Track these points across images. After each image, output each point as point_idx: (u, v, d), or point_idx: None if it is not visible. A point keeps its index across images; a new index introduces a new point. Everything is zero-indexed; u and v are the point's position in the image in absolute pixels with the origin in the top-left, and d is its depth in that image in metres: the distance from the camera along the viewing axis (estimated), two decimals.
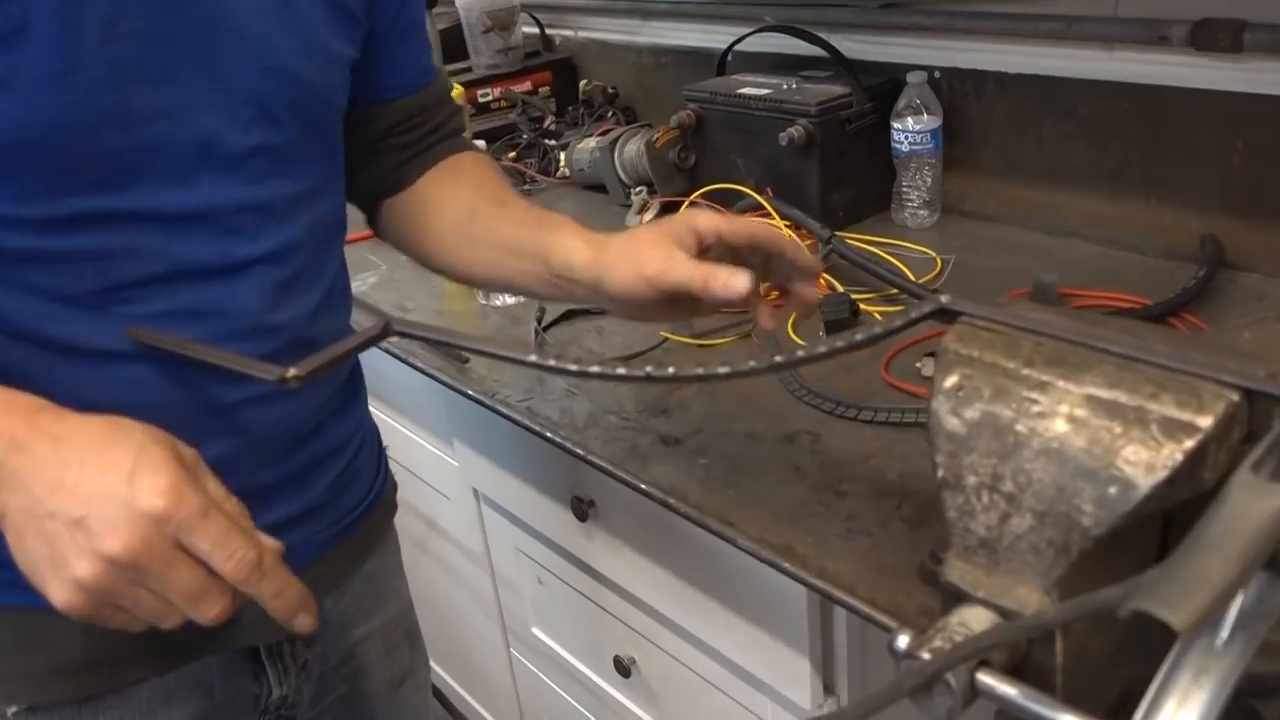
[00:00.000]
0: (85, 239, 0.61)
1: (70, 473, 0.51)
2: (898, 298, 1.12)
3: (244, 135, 0.66)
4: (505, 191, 0.86)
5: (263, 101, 0.67)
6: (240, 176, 0.67)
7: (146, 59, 0.60)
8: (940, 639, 0.49)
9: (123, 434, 0.53)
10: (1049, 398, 0.48)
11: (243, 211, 0.67)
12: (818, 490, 0.82)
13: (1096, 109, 1.18)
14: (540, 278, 0.78)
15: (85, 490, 0.51)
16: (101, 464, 0.52)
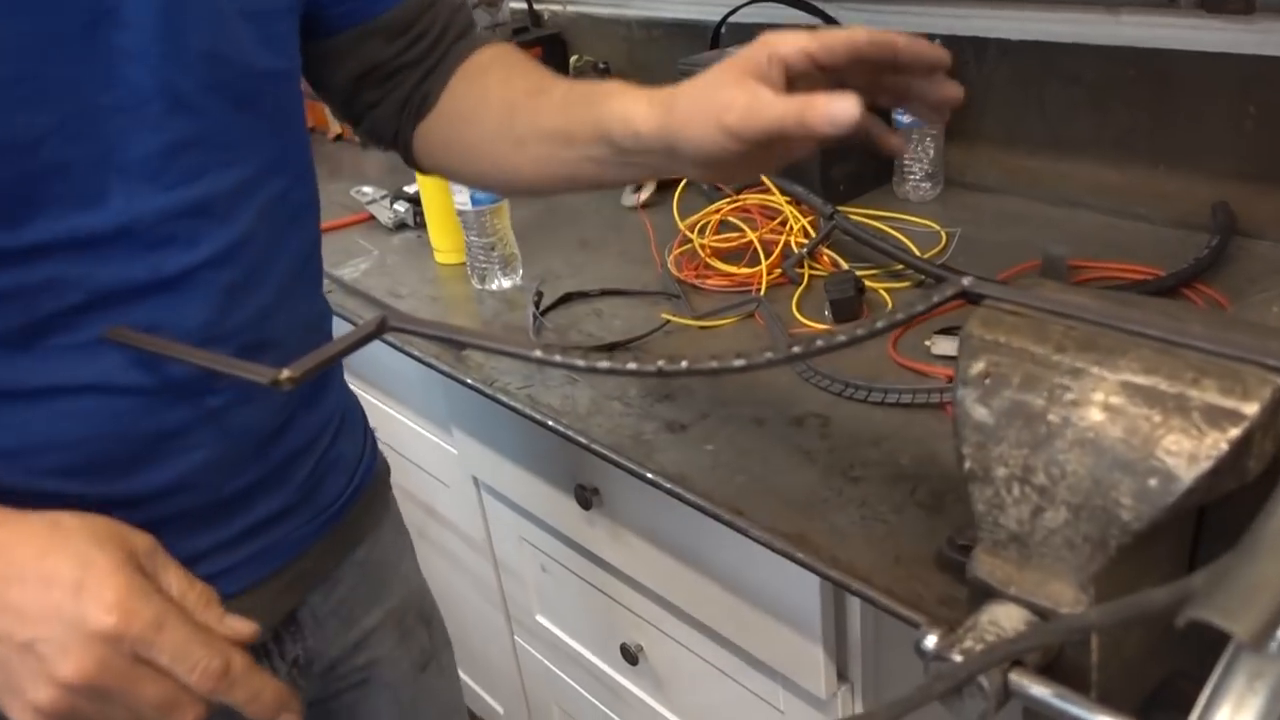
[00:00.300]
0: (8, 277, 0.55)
1: (12, 591, 0.48)
2: (903, 274, 1.09)
3: (156, 134, 0.58)
4: (541, 77, 0.75)
5: (171, 91, 0.59)
6: (162, 181, 0.59)
7: (23, 75, 0.53)
8: (971, 639, 0.47)
9: (62, 540, 0.50)
10: (1082, 385, 0.46)
11: (172, 219, 0.60)
12: (829, 475, 0.80)
13: (1102, 75, 1.15)
14: (604, 160, 0.67)
15: (30, 611, 0.48)
16: (42, 578, 0.49)
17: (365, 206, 1.49)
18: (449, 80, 0.78)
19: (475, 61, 0.78)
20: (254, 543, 0.71)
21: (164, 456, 0.64)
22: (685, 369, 0.48)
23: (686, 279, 1.15)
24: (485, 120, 0.75)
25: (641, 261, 1.22)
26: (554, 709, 1.42)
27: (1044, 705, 0.44)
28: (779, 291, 1.10)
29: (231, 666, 0.50)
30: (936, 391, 0.87)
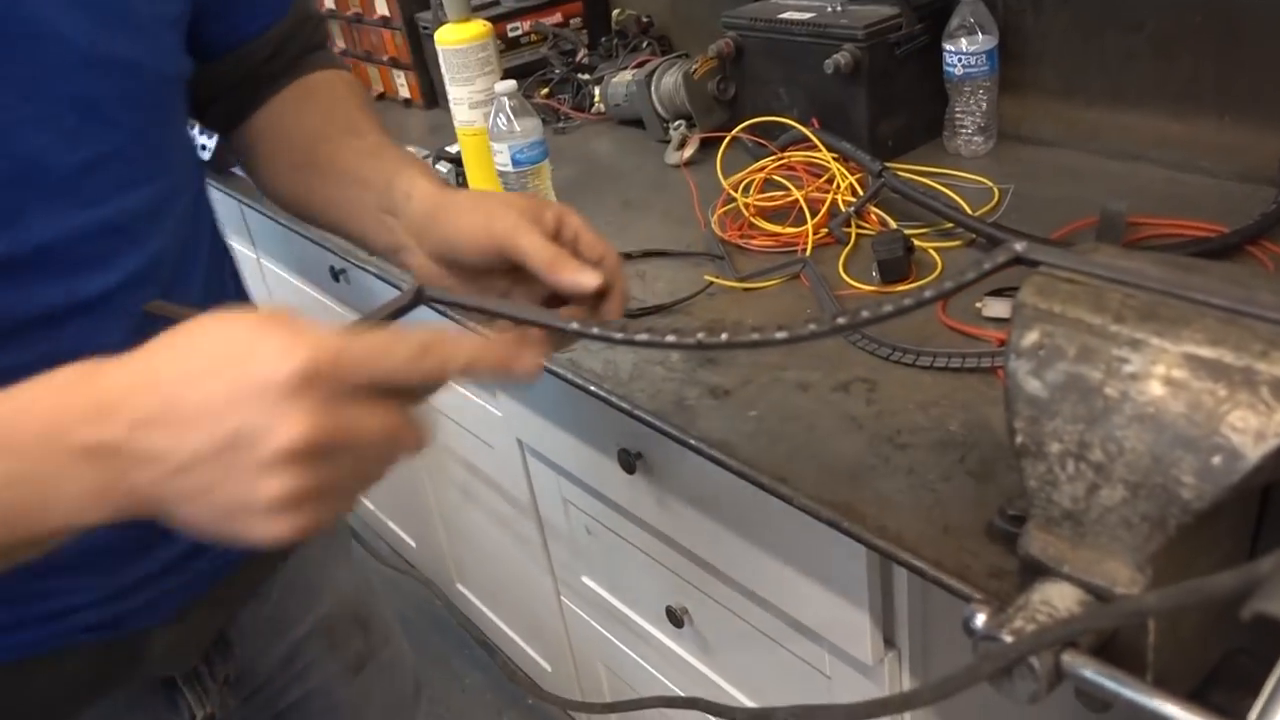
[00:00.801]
0: None
1: (182, 403, 0.41)
2: (954, 232, 1.06)
3: (73, 150, 0.55)
4: (362, 119, 0.75)
5: (88, 103, 0.56)
6: (78, 199, 0.56)
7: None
8: (1021, 619, 0.46)
9: (194, 334, 0.44)
10: (1142, 357, 0.44)
11: (89, 239, 0.57)
12: (875, 442, 0.79)
13: (1166, 21, 1.10)
14: (370, 210, 0.68)
15: (211, 405, 0.41)
16: (206, 372, 0.42)
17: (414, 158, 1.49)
18: (279, 92, 0.76)
19: (309, 83, 0.77)
20: (181, 573, 0.68)
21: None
22: (725, 341, 0.47)
23: (730, 239, 1.13)
24: (296, 140, 0.74)
25: (685, 221, 1.20)
26: (600, 667, 1.43)
27: (1099, 688, 0.43)
28: (825, 251, 1.08)
29: (431, 344, 0.45)
30: (987, 356, 0.84)
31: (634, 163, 1.42)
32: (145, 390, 0.42)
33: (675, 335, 0.48)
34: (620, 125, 1.57)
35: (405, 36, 1.76)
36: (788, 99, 1.30)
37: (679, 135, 1.39)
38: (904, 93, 1.24)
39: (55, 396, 0.43)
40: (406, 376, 0.45)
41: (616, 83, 1.53)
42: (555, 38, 1.71)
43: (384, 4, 1.77)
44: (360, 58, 1.94)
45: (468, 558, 1.74)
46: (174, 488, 0.42)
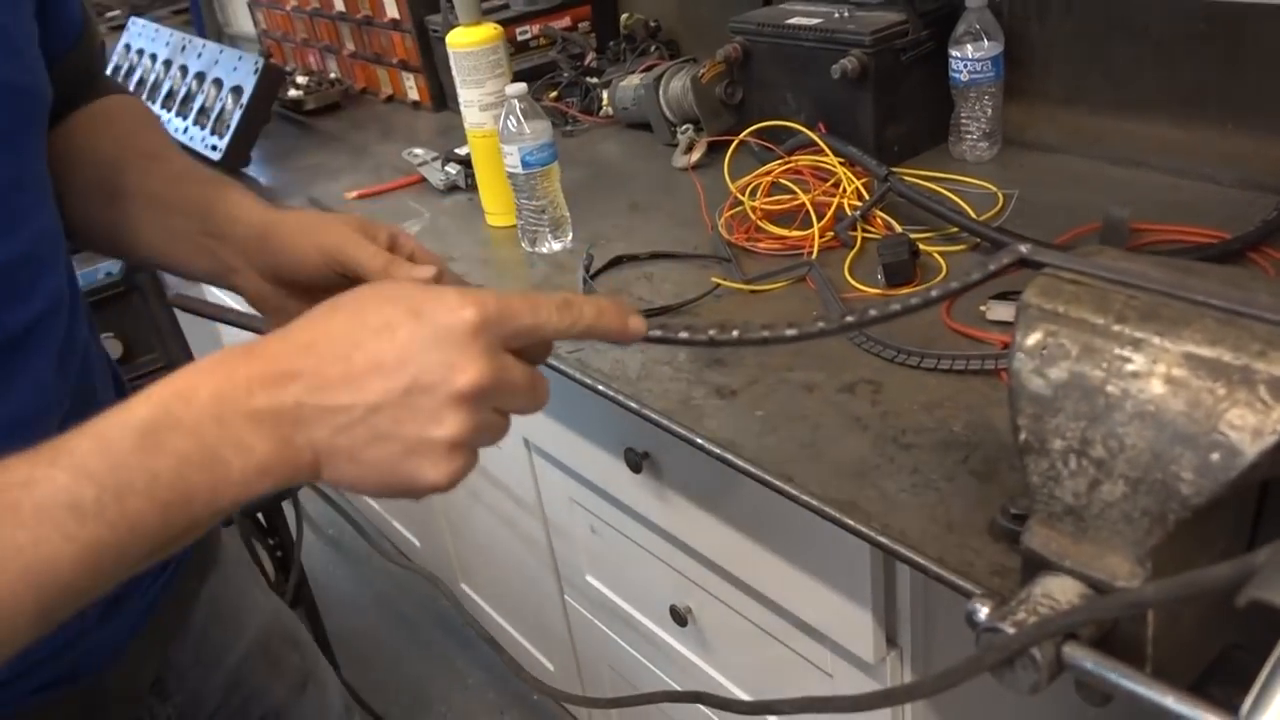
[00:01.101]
0: None
1: (357, 359, 0.44)
2: (959, 237, 1.07)
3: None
4: (162, 144, 0.74)
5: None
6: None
7: None
8: (1024, 611, 0.47)
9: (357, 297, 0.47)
10: (1144, 356, 0.45)
11: (11, 270, 0.56)
12: (880, 442, 0.80)
13: (1171, 30, 1.11)
14: (188, 236, 0.68)
15: (389, 360, 0.44)
16: (377, 329, 0.45)
17: (416, 168, 1.50)
18: (69, 117, 0.73)
19: (101, 108, 0.74)
20: (120, 610, 0.68)
21: None
22: (736, 338, 0.48)
23: (737, 242, 1.14)
24: (88, 167, 0.71)
25: (692, 224, 1.21)
26: (604, 667, 1.44)
27: (1099, 679, 0.44)
28: (831, 255, 1.09)
29: (564, 297, 0.49)
30: (991, 358, 0.85)
31: (641, 166, 1.43)
32: (320, 350, 0.45)
33: (688, 332, 0.49)
34: (627, 128, 1.58)
35: (415, 39, 1.77)
36: (794, 104, 1.31)
37: (686, 139, 1.40)
38: (910, 98, 1.25)
39: (218, 375, 0.44)
40: (553, 329, 0.49)
41: (624, 86, 1.54)
42: (564, 41, 1.73)
43: (394, 7, 1.79)
44: (369, 60, 1.95)
45: (472, 558, 1.76)
46: (354, 438, 0.44)
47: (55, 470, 0.41)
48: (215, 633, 0.79)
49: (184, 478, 0.42)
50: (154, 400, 0.43)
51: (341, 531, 2.36)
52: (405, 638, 2.06)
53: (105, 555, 0.41)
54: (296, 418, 0.44)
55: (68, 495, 0.40)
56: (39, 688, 0.62)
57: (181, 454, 0.42)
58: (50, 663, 0.62)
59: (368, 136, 1.80)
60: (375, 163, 1.65)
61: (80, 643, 0.64)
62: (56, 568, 0.40)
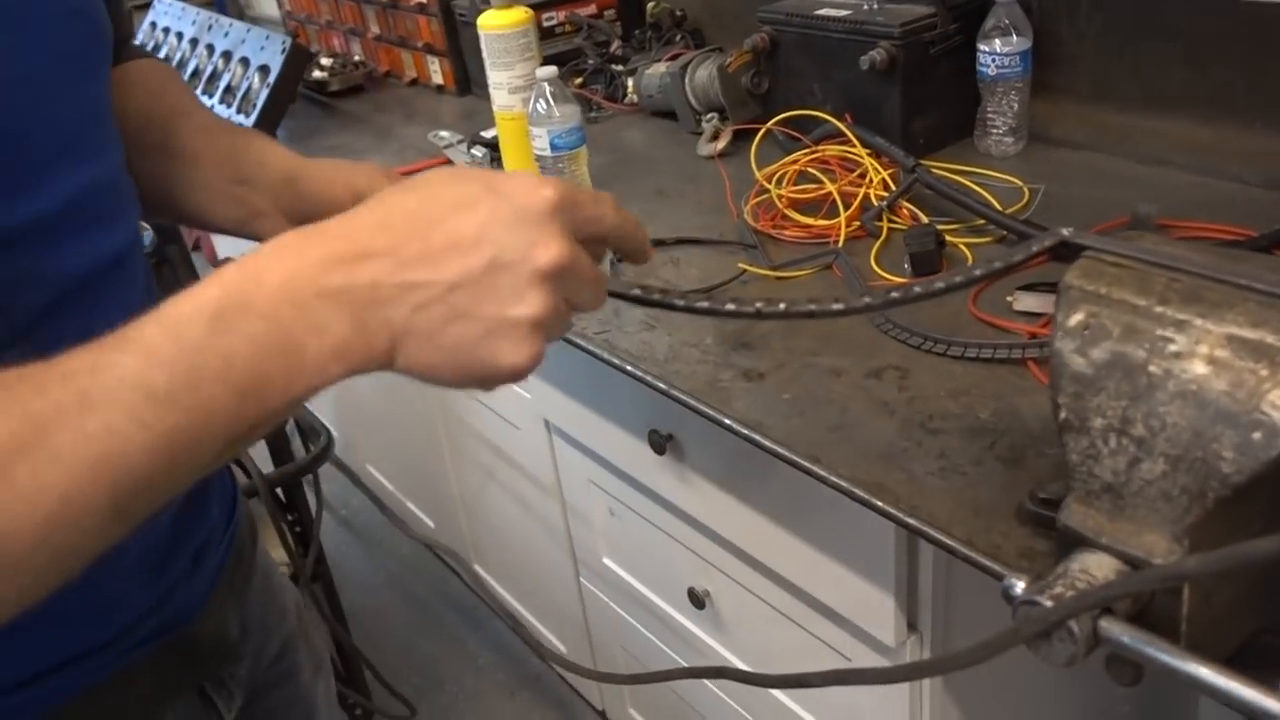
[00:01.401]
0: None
1: (435, 237, 0.43)
2: (984, 229, 1.08)
3: (74, 104, 0.55)
4: (189, 100, 0.75)
5: (75, 56, 0.56)
6: (87, 150, 0.56)
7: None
8: (1061, 585, 0.48)
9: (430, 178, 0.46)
10: (1186, 337, 0.46)
11: (101, 195, 0.57)
12: (907, 427, 0.81)
13: (1199, 29, 1.12)
14: (215, 183, 0.69)
15: (469, 237, 0.43)
16: (456, 205, 0.44)
17: (442, 150, 1.51)
18: None
19: (126, 69, 0.75)
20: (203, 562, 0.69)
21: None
22: (783, 310, 0.49)
23: (763, 229, 1.15)
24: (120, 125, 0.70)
25: (717, 211, 1.22)
26: (617, 649, 1.45)
27: (1135, 652, 0.45)
28: (856, 244, 1.10)
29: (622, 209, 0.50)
30: (1018, 347, 0.86)
31: (666, 153, 1.44)
32: (396, 228, 0.44)
33: (734, 304, 0.50)
34: (652, 116, 1.59)
35: (441, 23, 1.78)
36: (821, 94, 1.32)
37: (711, 127, 1.41)
38: (937, 91, 1.26)
39: (289, 257, 0.43)
40: (610, 223, 0.49)
41: (650, 74, 1.55)
42: (589, 28, 1.73)
43: None
44: (394, 43, 1.96)
45: (487, 539, 1.77)
46: (432, 318, 0.43)
47: (124, 356, 0.39)
48: (269, 600, 0.80)
49: (258, 362, 0.40)
50: (224, 283, 0.42)
51: (354, 512, 2.37)
52: (417, 618, 2.07)
53: (179, 444, 0.39)
54: (373, 298, 0.42)
55: (138, 379, 0.39)
56: (142, 641, 0.64)
57: (255, 337, 0.40)
58: (151, 616, 0.64)
59: (392, 119, 1.81)
60: (400, 145, 1.66)
61: (172, 597, 0.66)
62: (130, 457, 0.38)
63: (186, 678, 0.68)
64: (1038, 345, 0.86)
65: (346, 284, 0.42)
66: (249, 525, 0.81)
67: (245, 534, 0.78)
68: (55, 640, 0.59)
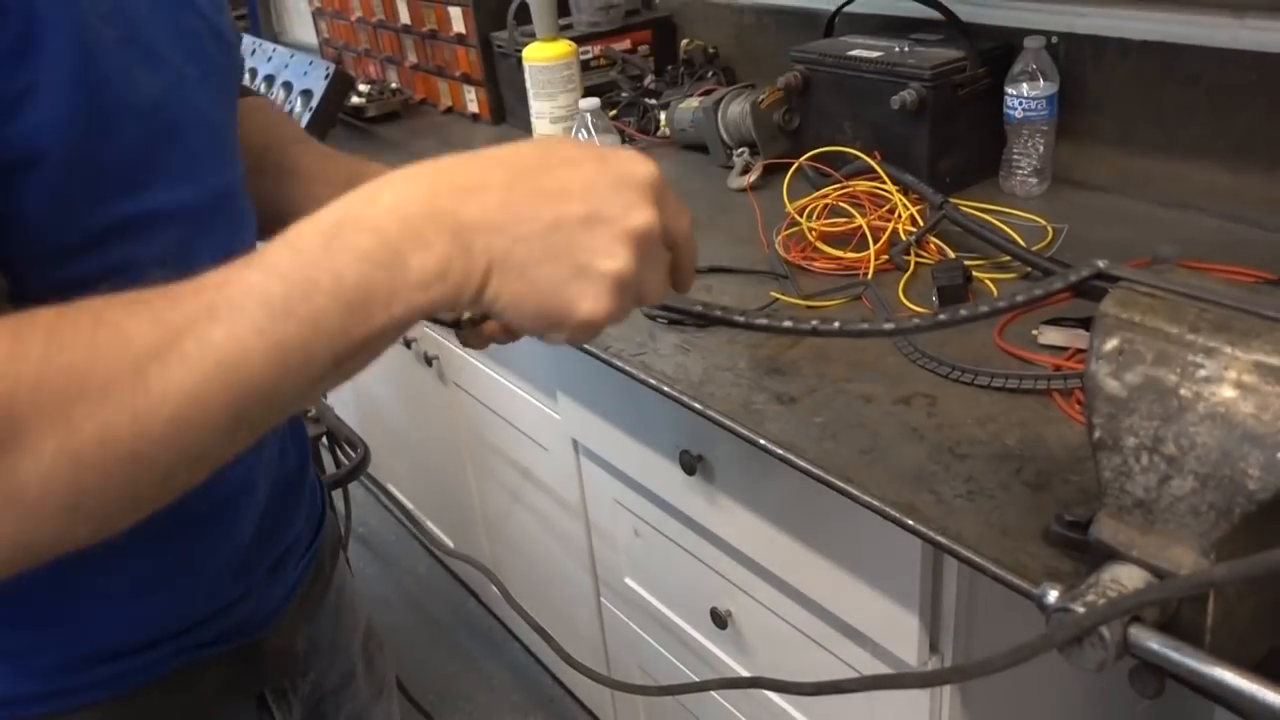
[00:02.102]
0: (117, 253, 0.54)
1: (545, 181, 0.47)
2: (1009, 266, 1.11)
3: (219, 109, 0.61)
4: (302, 133, 0.82)
5: (220, 69, 0.63)
6: (226, 155, 0.62)
7: (138, 38, 0.54)
8: (1093, 594, 0.50)
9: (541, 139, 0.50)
10: (1216, 363, 0.49)
11: (235, 196, 0.63)
12: (936, 452, 0.83)
13: (1222, 78, 1.15)
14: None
15: (575, 188, 0.47)
16: (564, 162, 0.48)
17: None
18: None
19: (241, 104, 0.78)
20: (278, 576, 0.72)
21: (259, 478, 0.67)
22: (838, 329, 0.52)
23: (794, 260, 1.18)
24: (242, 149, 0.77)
25: (748, 242, 1.26)
26: (634, 669, 1.47)
27: (1165, 659, 0.47)
28: (884, 277, 1.13)
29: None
30: (1043, 379, 0.89)
31: (697, 185, 1.48)
32: (513, 168, 0.47)
33: (791, 321, 0.53)
34: (682, 149, 1.63)
35: (479, 53, 1.83)
36: (851, 132, 1.36)
37: (743, 161, 1.45)
38: (964, 132, 1.30)
39: (404, 183, 0.46)
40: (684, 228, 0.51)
41: (683, 108, 1.59)
42: (624, 63, 1.78)
43: (460, 22, 1.85)
44: (431, 72, 2.01)
45: (506, 558, 1.79)
46: (529, 252, 0.46)
47: (249, 271, 0.43)
48: (341, 619, 0.82)
49: (365, 275, 0.43)
50: (341, 204, 0.45)
51: (372, 531, 2.40)
52: (433, 637, 2.09)
53: (292, 354, 0.42)
54: (479, 223, 0.45)
55: (259, 291, 0.42)
56: (209, 641, 0.66)
57: (364, 251, 0.43)
58: (223, 617, 0.66)
59: (427, 145, 1.86)
60: None
61: (247, 601, 0.68)
62: (247, 363, 0.42)
63: (249, 684, 0.70)
64: (1062, 377, 0.89)
65: (456, 208, 0.45)
66: (333, 541, 0.83)
67: (327, 550, 0.81)
68: (131, 618, 0.62)
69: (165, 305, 0.42)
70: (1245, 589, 0.51)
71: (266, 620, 0.70)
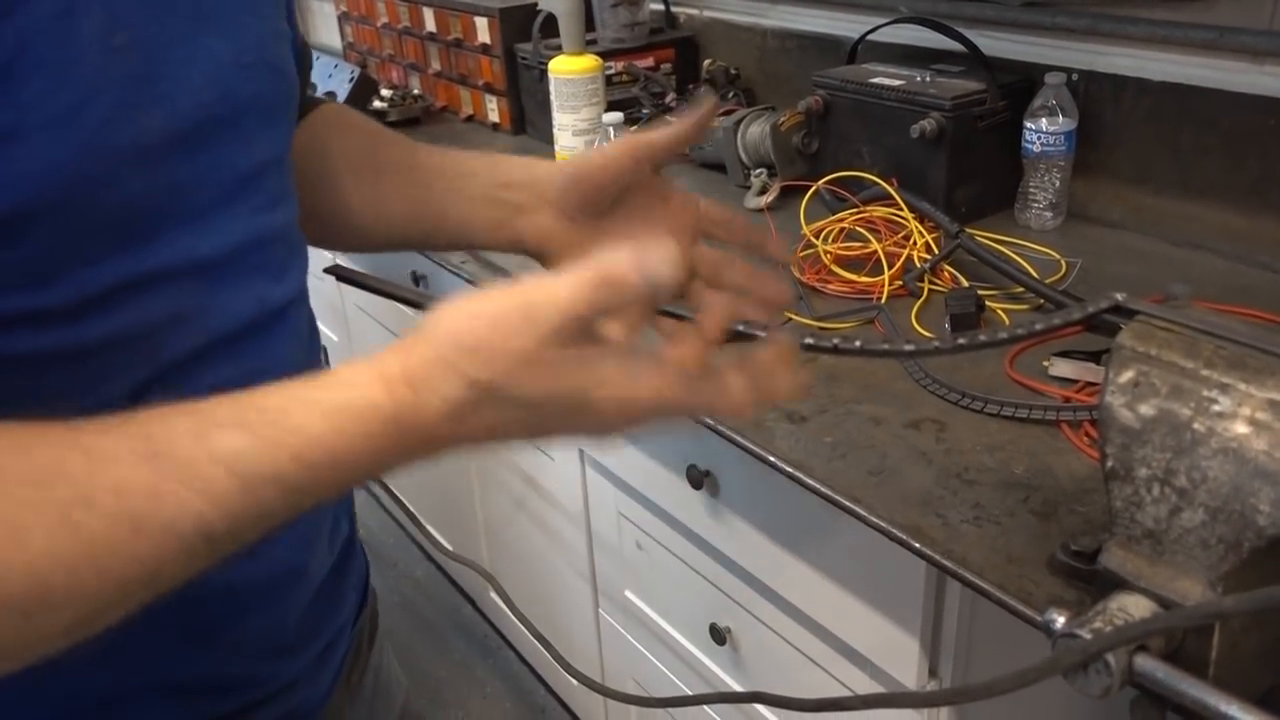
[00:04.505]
0: (119, 316, 0.49)
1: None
2: (1022, 297, 1.12)
3: (247, 151, 0.55)
4: (401, 135, 0.76)
5: (263, 104, 0.56)
6: (255, 202, 0.56)
7: (155, 74, 0.48)
8: (1100, 621, 0.51)
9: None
10: (1230, 399, 0.50)
11: (268, 246, 0.57)
12: (944, 476, 0.84)
13: (1240, 122, 1.17)
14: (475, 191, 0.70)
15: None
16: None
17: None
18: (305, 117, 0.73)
19: (325, 113, 0.76)
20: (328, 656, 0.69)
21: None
22: (859, 348, 0.53)
23: (808, 282, 1.19)
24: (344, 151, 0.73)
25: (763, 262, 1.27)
26: (631, 683, 1.48)
27: (1169, 688, 0.48)
28: (897, 302, 1.14)
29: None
30: (1053, 409, 0.90)
31: None
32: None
33: (813, 339, 0.54)
34: (701, 168, 1.64)
35: (503, 64, 1.85)
36: (869, 158, 1.37)
37: (760, 182, 1.46)
38: (982, 163, 1.31)
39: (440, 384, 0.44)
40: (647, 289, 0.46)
41: None
42: (646, 80, 1.80)
43: (486, 32, 1.87)
44: (454, 80, 2.03)
45: (506, 565, 1.80)
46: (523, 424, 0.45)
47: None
48: (378, 703, 0.79)
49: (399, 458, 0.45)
50: (390, 407, 0.44)
51: (370, 533, 2.40)
52: (426, 642, 2.10)
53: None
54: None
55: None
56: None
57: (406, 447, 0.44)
58: (277, 701, 0.63)
59: None
60: None
61: (298, 687, 0.65)
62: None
63: None
64: (1072, 409, 0.90)
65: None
66: (371, 620, 0.79)
67: (366, 629, 0.77)
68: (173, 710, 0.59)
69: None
70: (1250, 624, 0.52)
71: (318, 704, 0.68)
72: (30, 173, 0.43)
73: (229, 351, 0.55)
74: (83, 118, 0.44)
